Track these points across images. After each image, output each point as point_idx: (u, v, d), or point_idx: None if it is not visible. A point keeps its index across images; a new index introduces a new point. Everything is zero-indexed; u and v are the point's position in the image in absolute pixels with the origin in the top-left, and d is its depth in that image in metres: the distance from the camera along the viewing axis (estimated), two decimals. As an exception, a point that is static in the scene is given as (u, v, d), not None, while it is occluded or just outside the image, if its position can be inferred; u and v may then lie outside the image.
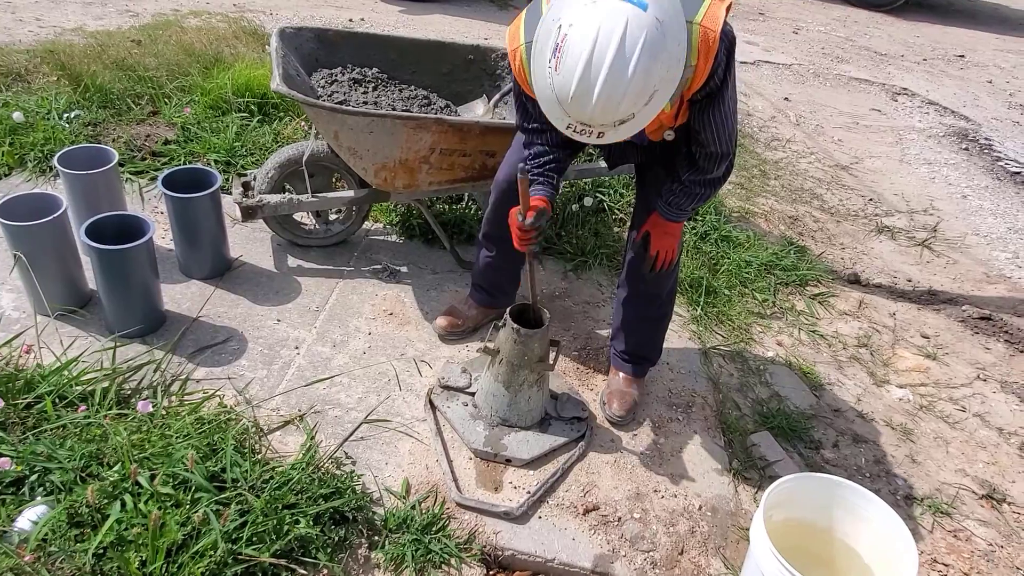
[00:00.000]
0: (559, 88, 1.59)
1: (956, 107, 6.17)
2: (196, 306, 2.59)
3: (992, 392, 2.96)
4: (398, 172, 2.63)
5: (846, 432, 2.62)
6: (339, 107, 2.45)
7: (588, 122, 1.64)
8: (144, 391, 2.17)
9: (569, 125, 1.67)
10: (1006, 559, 2.25)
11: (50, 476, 1.80)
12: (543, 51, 1.63)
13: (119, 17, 5.10)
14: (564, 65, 1.55)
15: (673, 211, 2.13)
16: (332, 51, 3.00)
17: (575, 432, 2.33)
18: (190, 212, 2.59)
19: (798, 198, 4.26)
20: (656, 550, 2.06)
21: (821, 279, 3.47)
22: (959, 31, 8.66)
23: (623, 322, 2.46)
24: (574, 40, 1.53)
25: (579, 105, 1.59)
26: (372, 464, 2.14)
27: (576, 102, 1.59)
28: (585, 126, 1.65)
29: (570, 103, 1.60)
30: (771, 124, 5.28)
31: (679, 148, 2.09)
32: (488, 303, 2.67)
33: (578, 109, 1.61)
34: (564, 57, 1.55)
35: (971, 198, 4.66)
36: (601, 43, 1.51)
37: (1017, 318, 3.45)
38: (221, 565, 1.67)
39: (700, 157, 2.01)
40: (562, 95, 1.60)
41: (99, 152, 2.74)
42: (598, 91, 1.54)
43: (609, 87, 1.54)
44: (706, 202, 2.07)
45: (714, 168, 2.02)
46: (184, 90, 3.93)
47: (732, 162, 2.05)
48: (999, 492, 2.49)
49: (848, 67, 6.84)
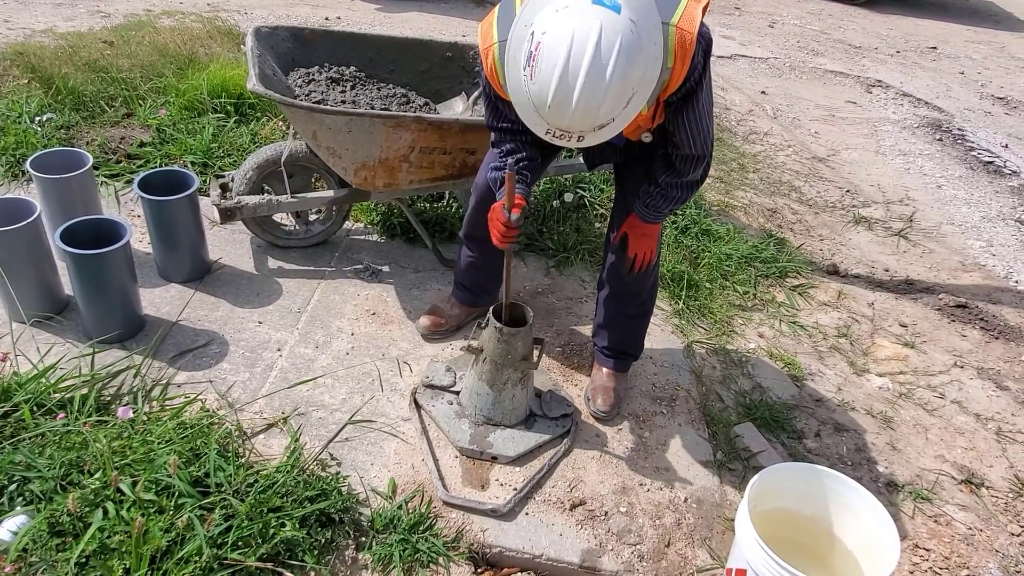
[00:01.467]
0: (536, 96, 1.57)
1: (929, 98, 6.25)
2: (176, 310, 2.56)
3: (969, 379, 3.01)
4: (378, 171, 2.61)
5: (828, 421, 2.66)
6: (317, 107, 2.43)
7: (567, 128, 1.62)
8: (124, 397, 2.15)
9: (548, 131, 1.66)
10: (985, 542, 2.29)
11: (29, 485, 1.77)
12: (516, 58, 1.61)
13: (90, 18, 5.03)
14: (540, 73, 1.53)
15: (651, 213, 2.13)
16: (308, 50, 2.98)
17: (560, 428, 2.33)
18: (167, 215, 2.56)
19: (776, 191, 4.30)
20: (643, 543, 2.08)
21: (800, 271, 3.50)
22: (931, 23, 8.78)
23: (605, 319, 2.47)
24: (548, 47, 1.50)
25: (557, 113, 1.57)
26: (358, 465, 2.13)
27: (554, 110, 1.57)
28: (565, 132, 1.64)
29: (548, 111, 1.58)
30: (748, 118, 5.32)
31: (657, 149, 2.10)
32: (471, 302, 2.67)
33: (557, 117, 1.59)
34: (539, 65, 1.53)
35: (945, 188, 4.73)
36: (576, 50, 1.48)
37: (992, 305, 3.51)
38: (206, 571, 1.65)
39: (676, 159, 2.00)
40: (539, 103, 1.58)
41: (73, 155, 2.70)
42: (576, 98, 1.52)
43: (587, 94, 1.52)
44: (684, 204, 2.06)
45: (690, 171, 2.01)
46: (159, 91, 3.88)
47: (708, 164, 2.05)
48: (977, 477, 2.53)
49: (823, 60, 6.91)
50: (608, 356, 2.51)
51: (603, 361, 2.52)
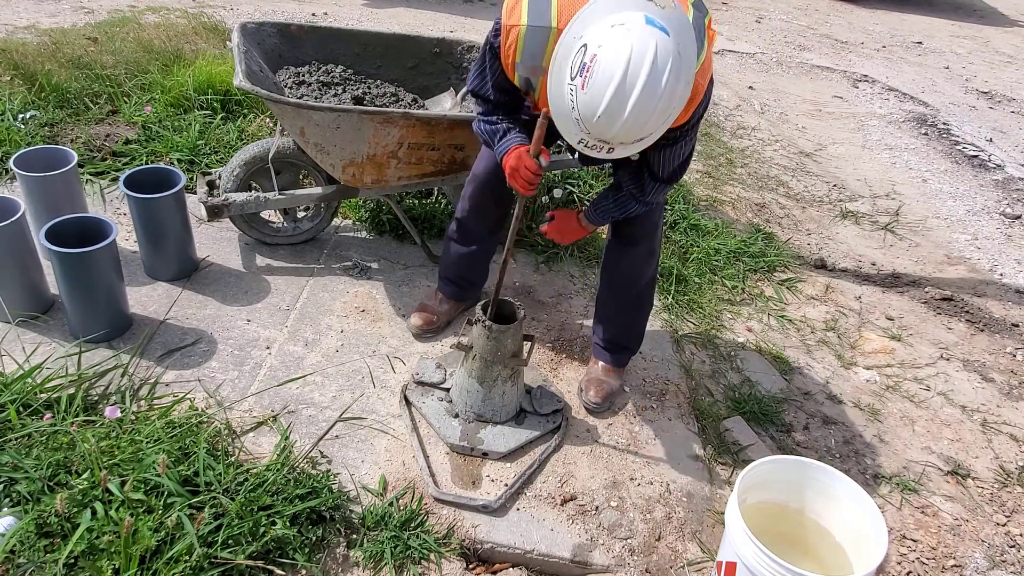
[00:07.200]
0: (584, 106, 1.60)
1: (915, 93, 6.30)
2: (163, 308, 2.54)
3: (955, 371, 3.04)
4: (366, 168, 2.60)
5: (816, 414, 2.67)
6: (304, 103, 2.42)
7: (609, 140, 1.65)
8: (111, 396, 2.13)
9: (582, 140, 1.69)
10: (971, 532, 2.32)
11: (16, 486, 1.76)
12: (563, 68, 1.63)
13: (73, 14, 4.97)
14: (593, 85, 1.56)
15: (598, 215, 2.18)
16: (295, 46, 2.96)
17: (551, 424, 2.34)
18: (154, 213, 2.54)
19: (764, 185, 4.32)
20: (634, 537, 2.08)
21: (788, 265, 3.52)
22: (916, 18, 8.84)
23: (602, 312, 2.50)
24: (606, 61, 1.54)
25: (605, 124, 1.60)
26: (348, 462, 2.12)
27: (602, 121, 1.59)
28: (602, 143, 1.67)
29: (595, 122, 1.60)
30: (736, 113, 5.34)
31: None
32: (458, 296, 2.67)
33: (602, 128, 1.62)
34: (593, 77, 1.55)
35: (931, 182, 4.76)
36: (634, 65, 1.52)
37: (977, 298, 3.55)
38: (196, 570, 1.65)
39: (647, 178, 2.05)
40: (586, 113, 1.60)
41: (57, 153, 2.67)
42: (628, 112, 1.56)
43: (639, 108, 1.56)
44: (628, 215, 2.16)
45: (653, 193, 2.07)
46: (144, 88, 3.85)
47: (667, 192, 2.16)
48: (964, 468, 2.56)
49: (810, 55, 6.94)
50: (604, 350, 2.53)
51: (599, 355, 2.54)
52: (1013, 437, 2.73)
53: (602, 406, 2.43)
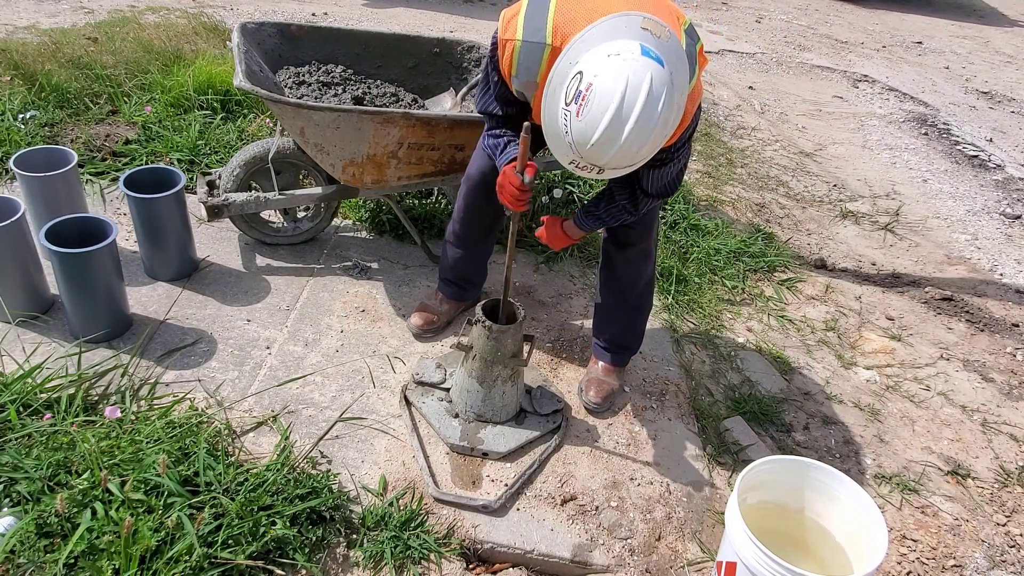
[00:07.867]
0: (578, 133, 1.61)
1: (915, 93, 6.30)
2: (163, 308, 2.54)
3: (955, 371, 3.04)
4: (366, 168, 2.61)
5: (816, 414, 2.67)
6: (304, 103, 2.42)
7: (600, 165, 1.66)
8: (112, 397, 2.13)
9: (573, 161, 1.70)
10: (971, 532, 2.32)
11: (17, 486, 1.76)
12: (557, 92, 1.64)
13: (73, 14, 4.98)
14: (588, 114, 1.57)
15: (589, 221, 2.17)
16: (296, 46, 2.96)
17: (551, 424, 2.34)
18: (154, 213, 2.54)
19: (764, 185, 4.32)
20: (634, 537, 2.08)
21: (788, 265, 3.52)
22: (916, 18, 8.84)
23: (602, 312, 2.51)
24: (602, 91, 1.54)
25: (598, 151, 1.61)
26: (348, 462, 2.12)
27: (596, 148, 1.60)
28: (593, 165, 1.68)
29: (588, 149, 1.61)
30: (736, 113, 5.34)
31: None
32: (458, 296, 2.67)
33: (595, 155, 1.63)
34: (589, 106, 1.56)
35: (931, 182, 4.76)
36: (629, 97, 1.53)
37: (977, 298, 3.55)
38: (197, 570, 1.65)
39: (639, 192, 2.06)
40: (580, 140, 1.61)
41: (57, 153, 2.67)
42: (622, 142, 1.57)
43: (633, 137, 1.57)
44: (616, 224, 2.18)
45: (639, 205, 2.08)
46: (144, 88, 3.85)
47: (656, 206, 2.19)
48: (964, 468, 2.56)
49: (810, 55, 6.94)
50: (604, 350, 2.53)
51: (599, 355, 2.55)
52: (1013, 437, 2.73)
53: (602, 406, 2.43)
